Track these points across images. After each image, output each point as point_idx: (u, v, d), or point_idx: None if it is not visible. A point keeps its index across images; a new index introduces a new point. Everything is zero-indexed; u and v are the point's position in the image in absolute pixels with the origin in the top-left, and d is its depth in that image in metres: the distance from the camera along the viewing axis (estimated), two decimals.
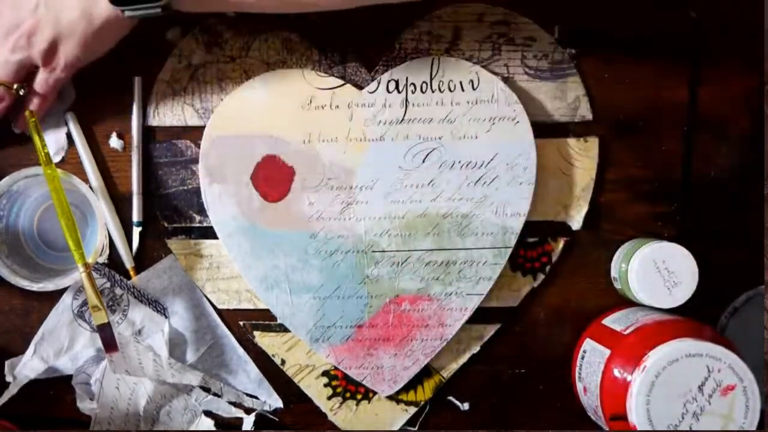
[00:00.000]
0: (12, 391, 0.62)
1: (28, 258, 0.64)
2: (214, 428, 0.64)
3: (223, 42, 0.63)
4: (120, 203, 0.63)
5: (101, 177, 0.63)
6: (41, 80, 0.59)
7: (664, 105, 0.64)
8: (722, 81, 0.65)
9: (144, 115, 0.63)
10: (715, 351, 0.54)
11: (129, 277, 0.64)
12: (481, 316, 0.64)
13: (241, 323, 0.65)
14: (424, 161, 0.63)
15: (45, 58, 0.58)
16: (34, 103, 0.60)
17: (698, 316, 0.61)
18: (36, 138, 0.61)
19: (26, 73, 0.59)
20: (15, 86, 0.59)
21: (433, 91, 0.62)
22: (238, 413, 0.65)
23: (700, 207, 0.65)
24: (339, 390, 0.65)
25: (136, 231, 0.63)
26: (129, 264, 0.63)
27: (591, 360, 0.61)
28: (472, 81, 0.62)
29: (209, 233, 0.64)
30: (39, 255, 0.64)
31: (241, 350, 0.65)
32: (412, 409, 0.65)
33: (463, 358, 0.65)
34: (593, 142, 0.64)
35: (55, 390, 0.64)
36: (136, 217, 0.63)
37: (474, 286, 0.63)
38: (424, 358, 0.64)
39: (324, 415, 0.65)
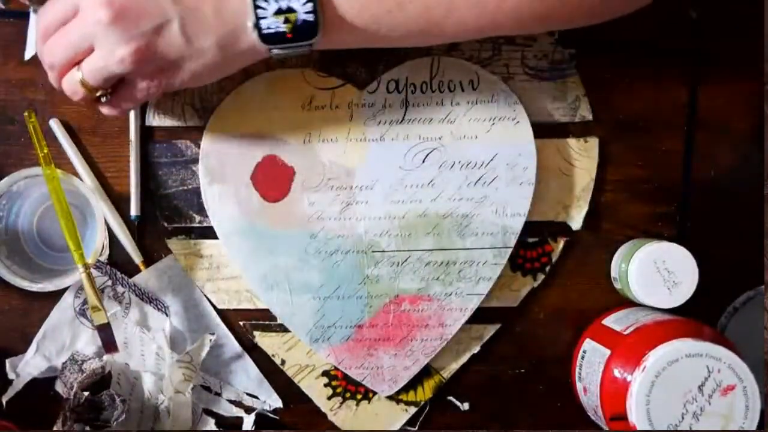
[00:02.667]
0: (16, 387, 0.63)
1: (28, 258, 0.64)
2: (214, 427, 0.65)
3: None
4: (121, 203, 0.63)
5: (102, 176, 0.63)
6: (134, 92, 0.51)
7: (664, 105, 0.65)
8: (722, 81, 0.65)
9: (143, 115, 0.63)
10: (715, 351, 0.54)
11: (133, 274, 0.64)
12: (481, 316, 0.64)
13: (241, 323, 0.65)
14: (424, 161, 0.63)
15: (152, 76, 0.50)
16: (109, 111, 0.53)
17: (698, 316, 0.61)
18: (36, 138, 0.61)
19: (117, 82, 0.52)
20: (99, 93, 0.52)
21: (433, 91, 0.62)
22: (239, 412, 0.65)
23: (700, 207, 0.65)
24: (339, 390, 0.65)
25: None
26: (138, 259, 0.63)
27: (591, 360, 0.61)
28: (472, 81, 0.62)
29: (209, 233, 0.64)
30: (39, 255, 0.64)
31: (241, 350, 0.65)
32: (412, 409, 0.65)
33: (463, 358, 0.65)
34: (593, 142, 0.64)
35: (55, 389, 0.64)
36: (134, 211, 0.63)
37: (474, 286, 0.63)
38: (424, 358, 0.64)
39: (324, 415, 0.66)
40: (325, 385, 0.65)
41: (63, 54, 0.50)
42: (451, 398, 0.66)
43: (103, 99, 0.52)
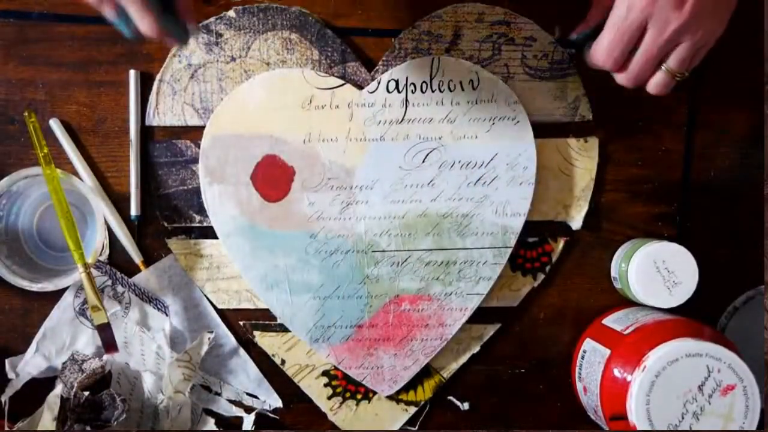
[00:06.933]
0: (16, 386, 0.63)
1: (28, 258, 0.64)
2: (214, 427, 0.65)
3: (223, 42, 0.63)
4: (121, 203, 0.64)
5: (102, 176, 0.63)
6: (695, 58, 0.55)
7: (664, 105, 0.64)
8: (722, 81, 0.65)
9: (144, 115, 0.63)
10: (715, 351, 0.54)
11: (133, 274, 0.64)
12: (481, 316, 0.64)
13: (241, 323, 0.65)
14: (424, 161, 0.63)
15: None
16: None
17: (698, 316, 0.61)
18: (36, 138, 0.61)
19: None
20: (678, 76, 0.56)
21: (433, 91, 0.62)
22: (239, 412, 0.65)
23: (700, 207, 0.65)
24: (339, 390, 0.65)
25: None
26: (138, 258, 0.64)
27: (591, 360, 0.61)
28: (472, 81, 0.62)
29: (209, 233, 0.64)
30: (39, 255, 0.64)
31: (241, 350, 0.65)
32: (412, 409, 0.65)
33: (463, 358, 0.65)
34: (593, 142, 0.64)
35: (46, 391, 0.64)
36: (134, 211, 0.63)
37: (474, 286, 0.63)
38: (424, 358, 0.64)
39: (324, 415, 0.66)
40: (325, 385, 0.65)
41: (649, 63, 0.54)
42: (451, 398, 0.66)
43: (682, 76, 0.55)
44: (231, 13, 0.62)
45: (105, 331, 0.61)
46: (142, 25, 0.48)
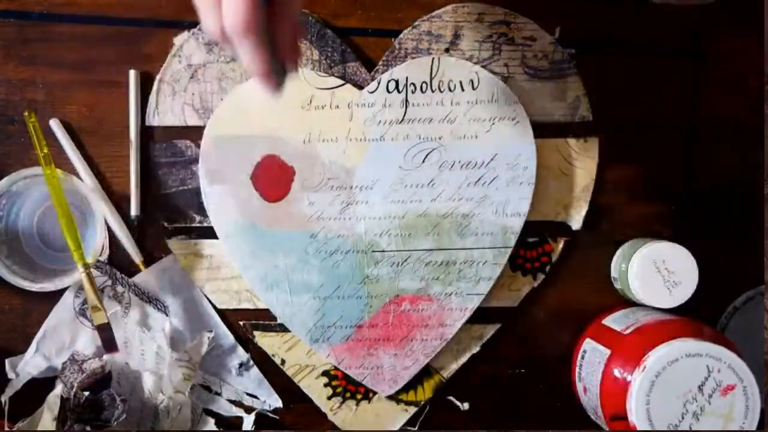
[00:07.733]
0: (16, 386, 0.63)
1: (28, 258, 0.64)
2: (214, 427, 0.65)
3: None
4: (121, 203, 0.64)
5: (102, 176, 0.63)
6: None
7: (664, 105, 0.65)
8: (722, 81, 0.65)
9: (144, 116, 0.63)
10: (715, 351, 0.54)
11: (133, 274, 0.64)
12: (481, 316, 0.64)
13: (241, 323, 0.65)
14: (424, 161, 0.63)
15: None
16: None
17: (698, 316, 0.61)
18: (36, 138, 0.61)
19: None
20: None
21: (433, 91, 0.62)
22: (239, 412, 0.65)
23: (700, 207, 0.65)
24: (339, 390, 0.65)
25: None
26: (138, 258, 0.63)
27: (591, 360, 0.61)
28: (472, 81, 0.62)
29: (209, 233, 0.64)
30: (39, 255, 0.64)
31: (241, 350, 0.65)
32: (412, 409, 0.65)
33: (463, 358, 0.65)
34: (593, 142, 0.64)
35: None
36: (134, 211, 0.63)
37: (474, 286, 0.63)
38: (424, 358, 0.64)
39: (324, 415, 0.66)
40: (325, 385, 0.65)
41: None
42: (451, 398, 0.66)
43: None
44: None
45: (105, 331, 0.61)
46: (251, 63, 0.42)
